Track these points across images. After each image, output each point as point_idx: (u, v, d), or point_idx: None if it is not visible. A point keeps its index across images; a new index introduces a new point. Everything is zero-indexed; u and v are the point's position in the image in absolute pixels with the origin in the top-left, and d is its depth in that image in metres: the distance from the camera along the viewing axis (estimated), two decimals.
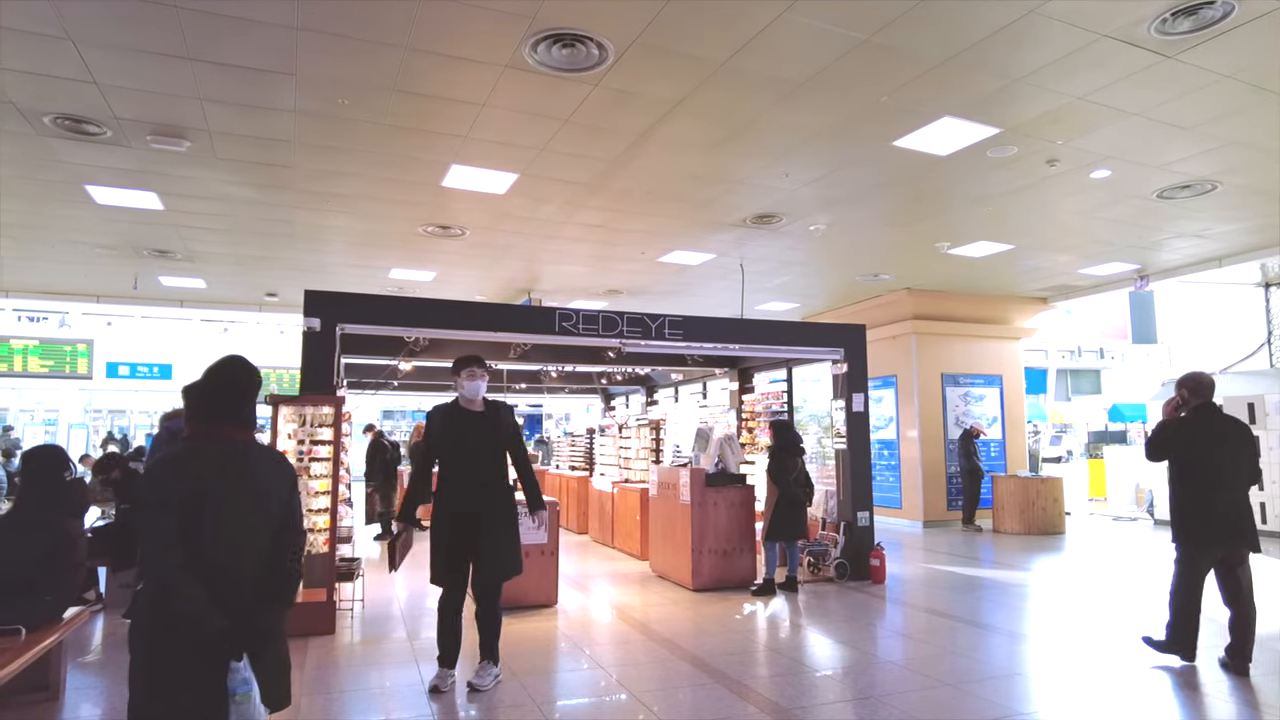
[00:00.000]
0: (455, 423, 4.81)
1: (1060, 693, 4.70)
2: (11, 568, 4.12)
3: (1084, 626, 6.17)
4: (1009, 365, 13.48)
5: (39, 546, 4.11)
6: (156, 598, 2.33)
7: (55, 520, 4.20)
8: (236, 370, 2.59)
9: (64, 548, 4.25)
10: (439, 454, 4.79)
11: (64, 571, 4.29)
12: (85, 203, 7.70)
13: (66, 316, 19.22)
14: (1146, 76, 5.19)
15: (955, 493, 12.47)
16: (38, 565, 4.12)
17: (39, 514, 4.17)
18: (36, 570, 4.12)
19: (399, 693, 4.71)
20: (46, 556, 4.16)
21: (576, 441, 13.31)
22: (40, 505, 4.20)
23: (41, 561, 4.14)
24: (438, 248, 9.62)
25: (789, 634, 6.15)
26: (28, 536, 4.11)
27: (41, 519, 4.15)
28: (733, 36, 4.74)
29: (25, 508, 4.26)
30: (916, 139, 6.27)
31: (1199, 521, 4.88)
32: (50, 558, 4.17)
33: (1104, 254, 10.19)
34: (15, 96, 5.40)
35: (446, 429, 4.78)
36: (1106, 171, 7.01)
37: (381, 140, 6.28)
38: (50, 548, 4.15)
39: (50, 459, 4.36)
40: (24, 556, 4.11)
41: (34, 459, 4.40)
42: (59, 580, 4.25)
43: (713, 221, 8.60)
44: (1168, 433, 5.10)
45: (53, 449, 4.54)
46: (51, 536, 4.15)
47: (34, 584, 4.10)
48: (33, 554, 4.10)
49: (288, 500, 2.62)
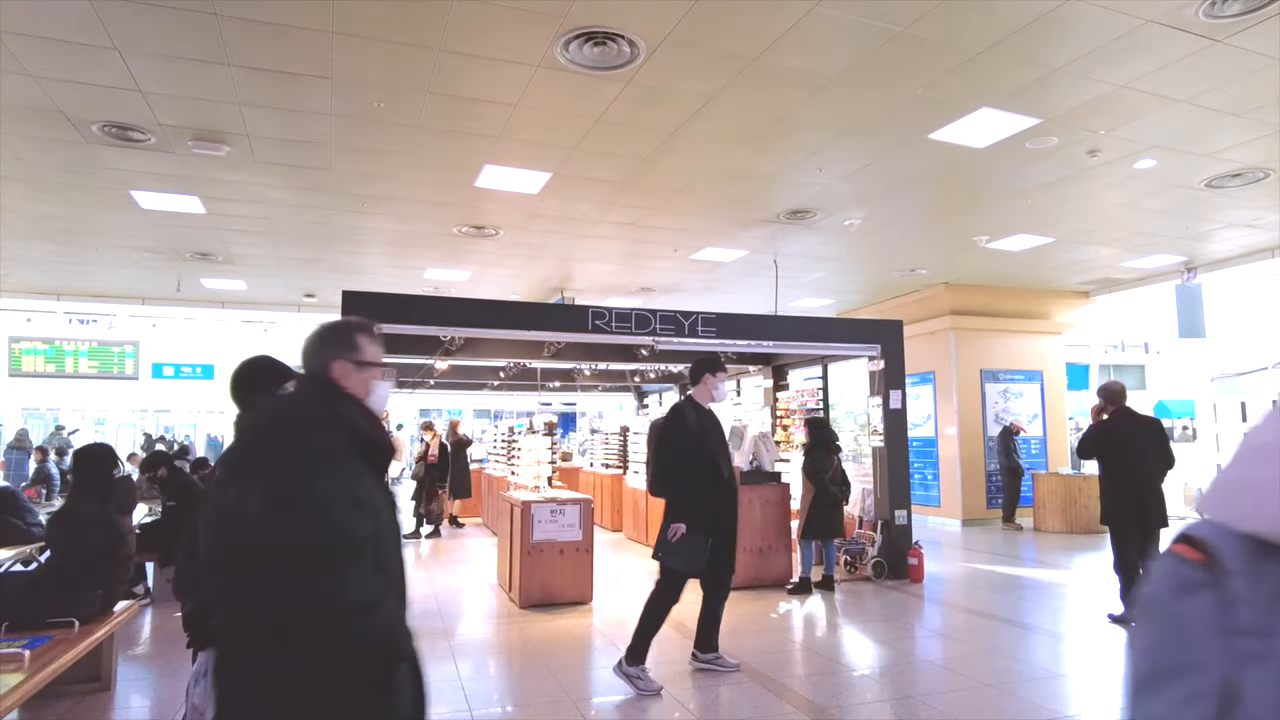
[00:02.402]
0: (707, 420, 4.90)
1: (1105, 695, 4.60)
2: (64, 562, 4.26)
3: (1130, 628, 6.02)
4: (1050, 361, 13.20)
5: (90, 541, 4.23)
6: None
7: (105, 516, 4.32)
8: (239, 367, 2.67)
9: (114, 543, 4.38)
10: (701, 453, 4.80)
11: (114, 566, 4.42)
12: (130, 208, 7.90)
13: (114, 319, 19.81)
14: (1194, 62, 5.03)
15: (995, 491, 12.26)
16: (89, 560, 4.25)
17: (90, 510, 4.29)
18: (88, 565, 4.25)
19: (437, 688, 4.75)
20: (98, 551, 4.29)
21: (610, 440, 13.34)
22: (91, 501, 4.32)
23: (93, 556, 4.27)
24: (472, 248, 9.70)
25: (825, 633, 6.10)
26: (79, 532, 4.24)
27: (92, 515, 4.27)
28: (764, 31, 4.69)
29: (76, 503, 4.39)
30: (953, 131, 6.16)
31: (1121, 504, 5.93)
32: (101, 552, 4.31)
33: (1149, 246, 9.92)
34: (64, 105, 5.56)
35: (703, 429, 4.84)
36: (1151, 161, 6.82)
37: (416, 142, 6.35)
38: (101, 543, 4.28)
39: (100, 456, 4.49)
40: (76, 551, 4.25)
41: (84, 456, 4.53)
42: (110, 574, 4.38)
43: (745, 218, 8.55)
44: (1093, 436, 6.16)
45: (102, 447, 4.67)
46: (102, 532, 4.28)
47: (86, 578, 4.23)
48: (84, 549, 4.23)
49: None
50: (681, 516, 4.69)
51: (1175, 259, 10.58)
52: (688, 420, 4.82)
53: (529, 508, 6.83)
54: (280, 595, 1.62)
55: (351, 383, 1.89)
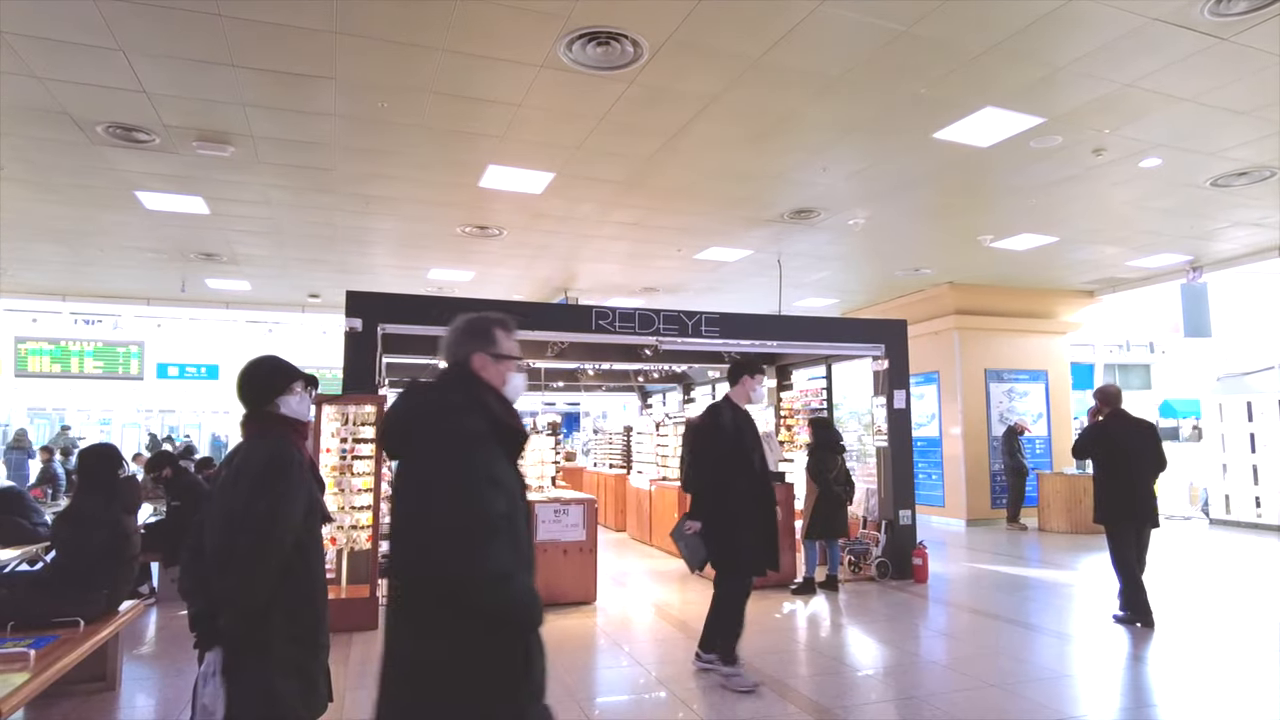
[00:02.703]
0: (743, 421, 4.96)
1: (1110, 696, 4.58)
2: (69, 562, 4.27)
3: (1136, 628, 5.99)
4: (1054, 360, 13.17)
5: (95, 541, 4.25)
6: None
7: (110, 516, 4.33)
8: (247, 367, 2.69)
9: (119, 543, 4.39)
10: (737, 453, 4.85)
11: (119, 566, 4.43)
12: (135, 208, 7.92)
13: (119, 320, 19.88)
14: (1200, 60, 5.01)
15: (999, 491, 12.23)
16: (94, 560, 4.26)
17: (95, 510, 4.30)
18: (93, 564, 4.26)
19: None
20: (102, 551, 4.30)
21: (614, 439, 13.34)
22: (95, 501, 4.33)
23: (98, 556, 4.28)
24: (476, 248, 9.71)
25: (830, 633, 6.09)
26: (84, 532, 4.25)
27: (97, 514, 4.28)
28: (767, 31, 4.69)
29: (81, 503, 4.40)
30: (957, 130, 6.15)
31: (1116, 504, 6.03)
32: (106, 552, 4.32)
33: (1154, 245, 9.89)
34: (70, 107, 5.57)
35: (739, 429, 4.90)
36: (1157, 160, 6.80)
37: (420, 142, 6.35)
38: (106, 543, 4.29)
39: (105, 456, 4.50)
40: (81, 551, 4.26)
41: (89, 456, 4.54)
42: (115, 574, 4.39)
43: (749, 217, 8.54)
44: (1089, 437, 6.33)
45: (107, 447, 4.68)
46: (107, 531, 4.29)
47: (91, 577, 4.24)
48: (89, 549, 4.24)
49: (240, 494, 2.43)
50: (701, 515, 4.79)
51: (1181, 258, 10.54)
52: (724, 420, 4.88)
53: (532, 508, 6.83)
54: (430, 564, 1.81)
55: (489, 373, 2.07)
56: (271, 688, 2.41)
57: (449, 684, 1.84)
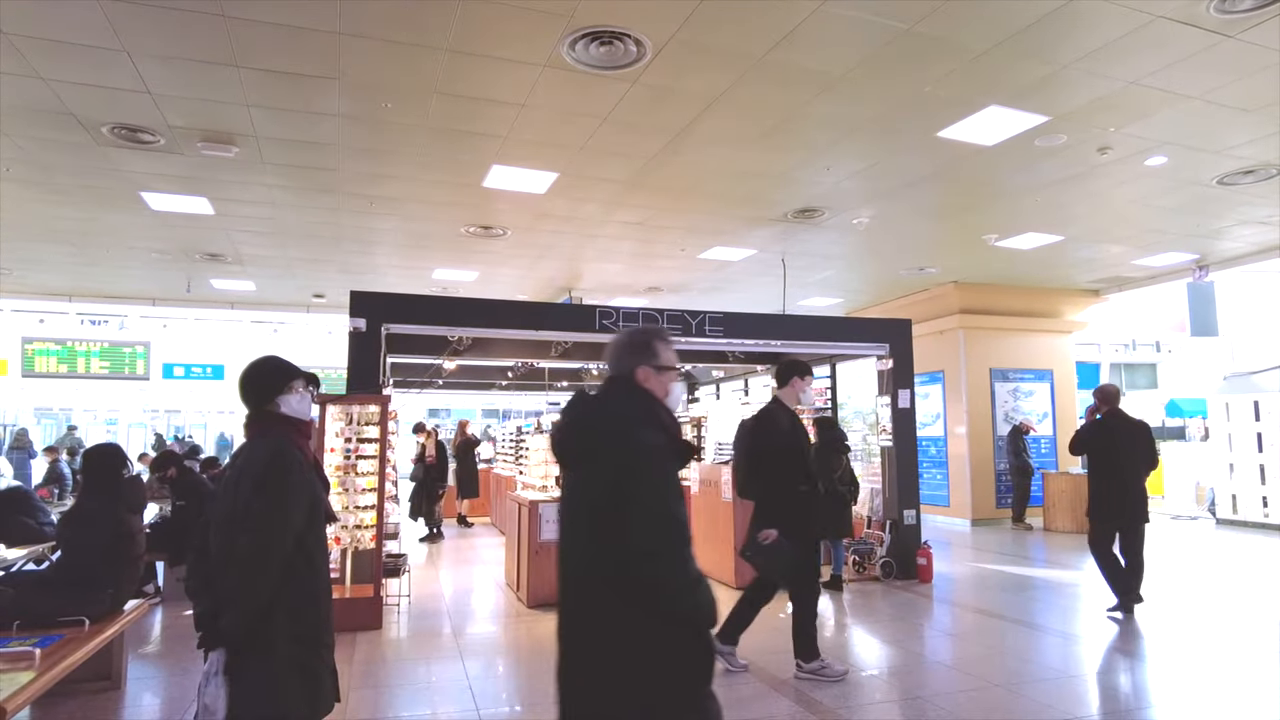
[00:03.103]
0: (796, 421, 4.95)
1: (1116, 696, 4.57)
2: (74, 561, 4.29)
3: (1141, 628, 5.98)
4: (1060, 360, 13.12)
5: (100, 541, 4.26)
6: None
7: (114, 515, 4.34)
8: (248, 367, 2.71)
9: (124, 542, 4.41)
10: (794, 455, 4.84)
11: (124, 565, 4.45)
12: (140, 209, 7.95)
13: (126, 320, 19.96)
14: (1205, 58, 4.99)
15: (1004, 490, 12.19)
16: (99, 559, 4.28)
17: (99, 509, 4.31)
18: (98, 564, 4.27)
19: (445, 687, 4.77)
20: (107, 550, 4.32)
21: None
22: (100, 501, 4.34)
23: (103, 555, 4.29)
24: (480, 248, 9.71)
25: (833, 633, 6.08)
26: (89, 531, 4.27)
27: (101, 514, 4.30)
28: (771, 30, 4.68)
29: (86, 503, 4.42)
30: (962, 129, 6.13)
31: (1105, 500, 6.26)
32: (111, 552, 4.33)
33: (1160, 244, 9.85)
34: (75, 108, 5.59)
35: (795, 430, 4.90)
36: (1162, 158, 6.77)
37: (424, 142, 6.36)
38: (110, 542, 4.30)
39: (109, 456, 4.52)
40: (85, 551, 4.27)
41: (93, 456, 4.55)
42: (119, 573, 4.41)
43: (753, 217, 8.53)
44: (1087, 434, 6.53)
45: (111, 447, 4.70)
46: (111, 531, 4.30)
47: (96, 577, 4.25)
48: (94, 548, 4.26)
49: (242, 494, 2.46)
50: (773, 522, 4.66)
51: (1187, 257, 10.49)
52: (780, 422, 4.84)
53: (536, 507, 6.83)
54: (630, 568, 1.94)
55: (652, 384, 2.20)
56: (274, 687, 2.42)
57: (645, 679, 1.97)
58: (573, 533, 2.14)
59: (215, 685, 2.37)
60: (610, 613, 2.00)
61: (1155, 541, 10.41)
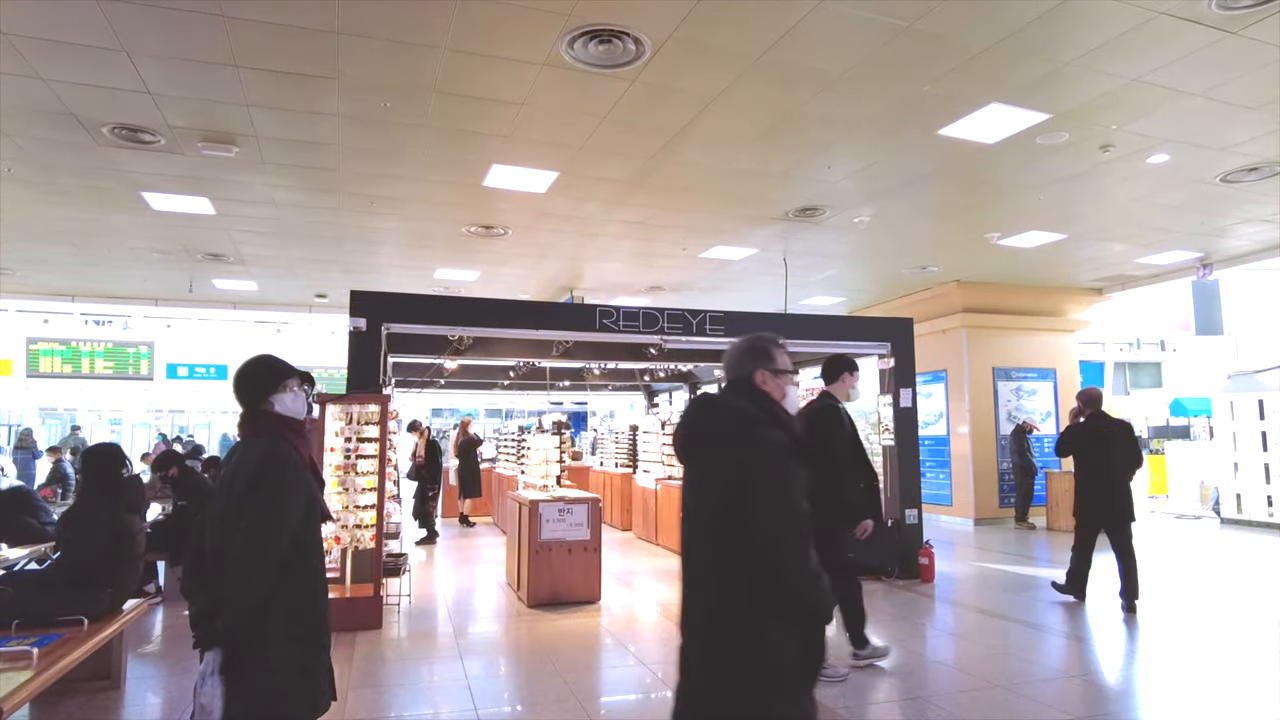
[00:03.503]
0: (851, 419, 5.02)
1: (1119, 696, 4.54)
2: (73, 561, 4.29)
3: (1144, 628, 5.95)
4: (1063, 359, 13.08)
5: (99, 540, 4.26)
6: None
7: (114, 515, 4.34)
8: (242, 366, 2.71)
9: (124, 542, 4.41)
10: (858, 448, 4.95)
11: (123, 565, 4.45)
12: (142, 209, 7.96)
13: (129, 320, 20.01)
14: (1208, 55, 4.96)
15: (1007, 490, 12.16)
16: (98, 558, 4.28)
17: (98, 509, 4.31)
18: (97, 563, 4.27)
19: (444, 687, 4.77)
20: (107, 550, 4.32)
21: (620, 438, 13.33)
22: (99, 501, 4.35)
23: (102, 555, 4.29)
24: (481, 247, 9.71)
25: (834, 632, 6.05)
26: (88, 531, 4.26)
27: (101, 514, 4.30)
28: (770, 28, 4.66)
29: (85, 503, 4.42)
30: (963, 127, 6.11)
31: (1089, 500, 6.52)
32: (110, 551, 4.33)
33: (1163, 242, 9.81)
34: (75, 108, 5.60)
35: (853, 424, 4.98)
36: (1165, 156, 6.74)
37: (424, 142, 6.35)
38: (110, 542, 4.30)
39: (107, 456, 4.52)
40: (85, 550, 4.27)
41: (92, 456, 4.55)
42: (119, 573, 4.41)
43: (754, 216, 8.51)
44: (1071, 436, 6.74)
45: (110, 446, 4.70)
46: (111, 531, 4.30)
47: (95, 577, 4.25)
48: (93, 548, 4.26)
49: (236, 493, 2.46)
50: (865, 514, 4.77)
51: (1191, 255, 10.45)
52: (844, 418, 4.93)
53: (537, 507, 6.83)
54: (767, 564, 2.04)
55: (770, 387, 2.30)
56: (270, 687, 2.41)
57: (764, 672, 2.06)
58: (695, 529, 2.22)
59: (211, 685, 2.36)
60: (734, 607, 2.08)
61: (1159, 541, 10.39)
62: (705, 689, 2.13)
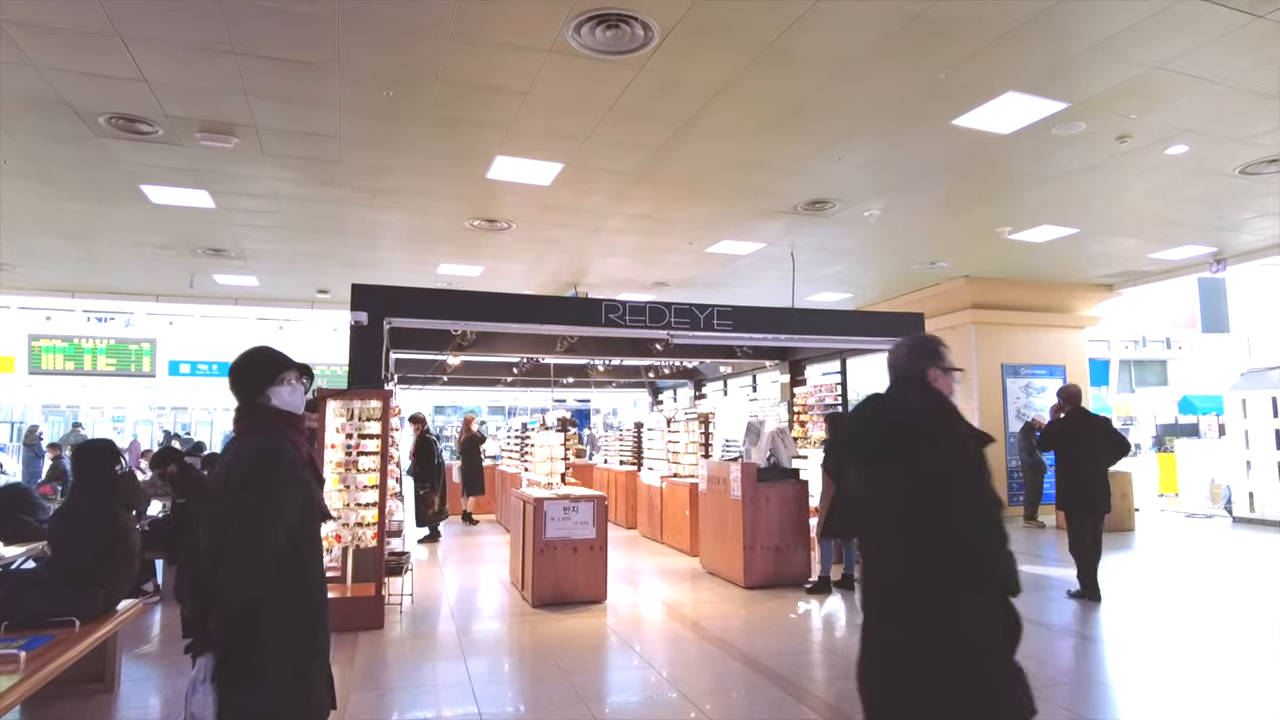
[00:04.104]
0: None
1: (1128, 698, 4.42)
2: (67, 559, 4.18)
3: (1157, 629, 5.82)
4: (1072, 355, 12.93)
5: (92, 539, 4.15)
6: None
7: (108, 513, 4.23)
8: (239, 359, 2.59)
9: (117, 540, 4.29)
10: None
11: (118, 563, 4.33)
12: (141, 203, 7.85)
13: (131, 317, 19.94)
14: (1234, 39, 4.81)
15: (1017, 488, 12.03)
16: (91, 557, 4.16)
17: (92, 507, 4.20)
18: (90, 562, 4.16)
19: (448, 689, 4.65)
20: (101, 549, 4.20)
21: (624, 436, 13.22)
22: (93, 498, 4.23)
23: (95, 554, 4.18)
24: (485, 242, 9.59)
25: (846, 634, 5.93)
26: (81, 529, 4.15)
27: (94, 512, 4.19)
28: (782, 13, 4.53)
29: (78, 500, 4.30)
30: (977, 117, 5.97)
31: (1072, 494, 6.69)
32: (104, 550, 4.22)
33: (1177, 236, 9.66)
34: (70, 97, 5.49)
35: None
36: (1184, 147, 6.59)
37: (426, 133, 6.23)
38: (103, 540, 4.19)
39: (101, 452, 4.40)
40: (79, 548, 4.16)
41: (85, 452, 4.44)
42: (113, 572, 4.29)
43: (762, 209, 8.37)
44: (1053, 431, 7.00)
45: (103, 443, 4.59)
46: (104, 529, 4.19)
47: (88, 576, 4.14)
48: (86, 546, 4.15)
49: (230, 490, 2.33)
50: None
51: (1204, 250, 10.30)
52: None
53: (541, 505, 6.71)
54: (972, 547, 2.17)
55: (940, 384, 2.42)
56: (265, 693, 2.30)
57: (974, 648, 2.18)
58: (883, 522, 2.30)
59: (203, 693, 2.25)
60: (939, 588, 2.17)
61: (1169, 540, 10.24)
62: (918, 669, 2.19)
